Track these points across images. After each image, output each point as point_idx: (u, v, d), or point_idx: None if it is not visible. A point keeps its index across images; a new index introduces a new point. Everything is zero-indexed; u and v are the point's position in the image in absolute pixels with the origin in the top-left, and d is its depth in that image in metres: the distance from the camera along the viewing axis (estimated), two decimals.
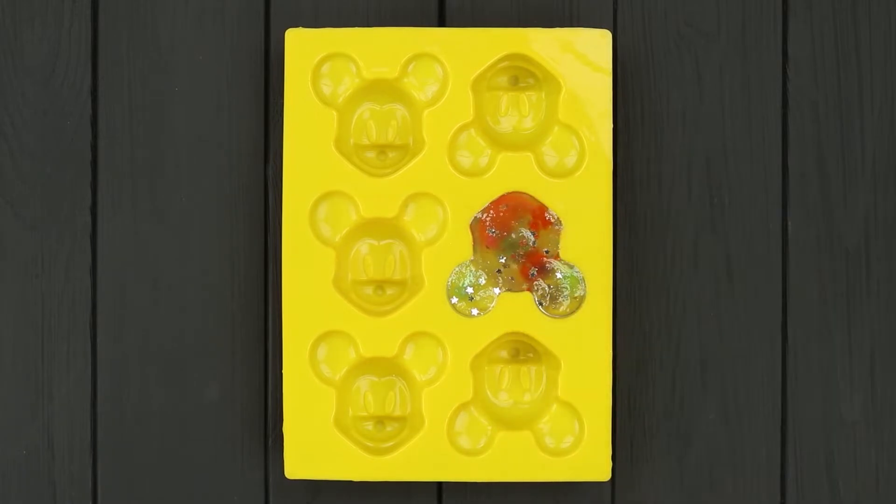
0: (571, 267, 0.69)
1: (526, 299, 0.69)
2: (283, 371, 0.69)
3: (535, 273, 0.69)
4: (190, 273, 0.73)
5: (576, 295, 0.69)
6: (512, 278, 0.69)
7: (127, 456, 0.73)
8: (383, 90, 0.70)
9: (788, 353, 0.73)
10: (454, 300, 0.69)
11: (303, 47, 0.69)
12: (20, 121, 0.73)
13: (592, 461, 0.69)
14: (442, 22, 0.73)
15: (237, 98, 0.73)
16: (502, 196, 0.69)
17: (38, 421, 0.73)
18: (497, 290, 0.69)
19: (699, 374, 0.73)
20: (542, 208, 0.69)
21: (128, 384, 0.73)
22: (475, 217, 0.69)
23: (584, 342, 0.69)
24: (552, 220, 0.69)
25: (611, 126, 0.69)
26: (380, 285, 0.71)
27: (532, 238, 0.69)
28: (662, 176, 0.73)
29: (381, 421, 0.70)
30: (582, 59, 0.69)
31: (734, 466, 0.73)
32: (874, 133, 0.73)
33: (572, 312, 0.69)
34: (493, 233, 0.69)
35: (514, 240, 0.69)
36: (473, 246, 0.69)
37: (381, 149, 0.71)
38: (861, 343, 0.73)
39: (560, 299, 0.69)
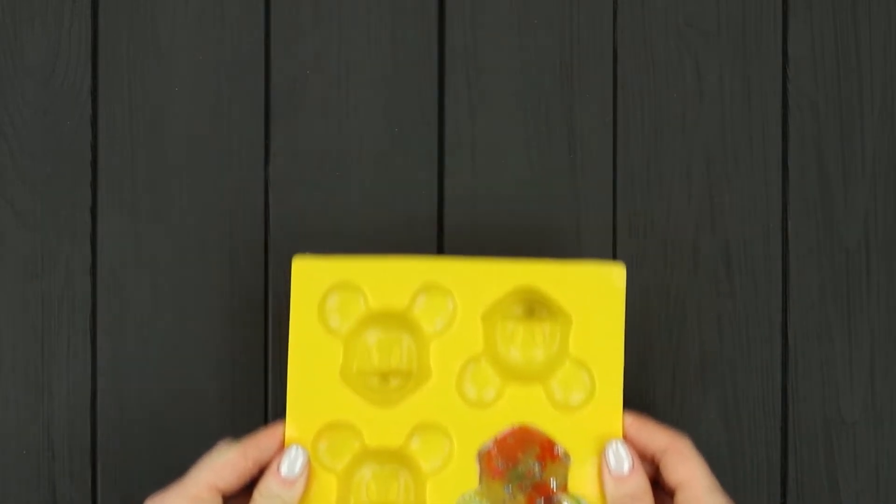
0: (579, 500, 0.68)
1: None
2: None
3: (542, 503, 0.68)
4: (190, 273, 0.73)
5: None
6: None
7: (127, 456, 0.73)
8: (391, 320, 0.68)
9: (788, 353, 0.73)
10: None
11: (309, 277, 0.67)
12: (20, 121, 0.73)
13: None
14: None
15: (237, 98, 0.73)
16: (511, 429, 0.67)
17: (38, 421, 0.73)
18: None
19: (699, 374, 0.73)
20: (551, 442, 0.67)
21: (128, 384, 0.73)
22: (482, 448, 0.67)
23: None
24: (560, 455, 0.67)
25: (622, 359, 0.67)
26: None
27: (539, 470, 0.67)
28: (662, 176, 0.73)
29: None
30: (595, 293, 0.67)
31: (734, 466, 0.73)
32: (874, 133, 0.73)
33: None
34: (499, 464, 0.67)
35: (522, 471, 0.68)
36: (479, 476, 0.67)
37: (385, 376, 0.68)
38: (861, 343, 0.73)
39: None
